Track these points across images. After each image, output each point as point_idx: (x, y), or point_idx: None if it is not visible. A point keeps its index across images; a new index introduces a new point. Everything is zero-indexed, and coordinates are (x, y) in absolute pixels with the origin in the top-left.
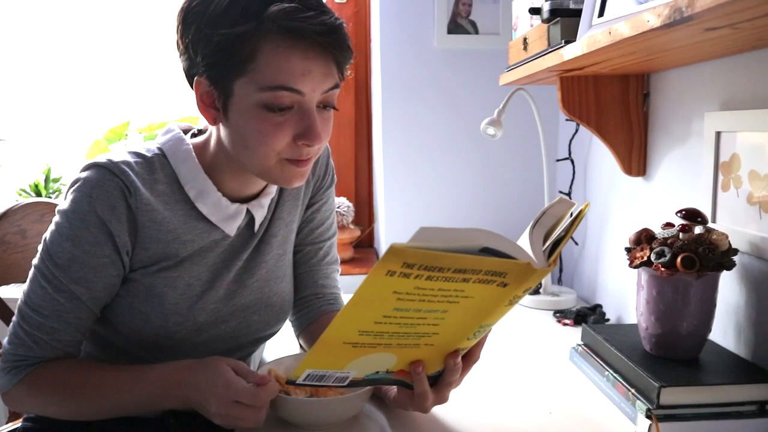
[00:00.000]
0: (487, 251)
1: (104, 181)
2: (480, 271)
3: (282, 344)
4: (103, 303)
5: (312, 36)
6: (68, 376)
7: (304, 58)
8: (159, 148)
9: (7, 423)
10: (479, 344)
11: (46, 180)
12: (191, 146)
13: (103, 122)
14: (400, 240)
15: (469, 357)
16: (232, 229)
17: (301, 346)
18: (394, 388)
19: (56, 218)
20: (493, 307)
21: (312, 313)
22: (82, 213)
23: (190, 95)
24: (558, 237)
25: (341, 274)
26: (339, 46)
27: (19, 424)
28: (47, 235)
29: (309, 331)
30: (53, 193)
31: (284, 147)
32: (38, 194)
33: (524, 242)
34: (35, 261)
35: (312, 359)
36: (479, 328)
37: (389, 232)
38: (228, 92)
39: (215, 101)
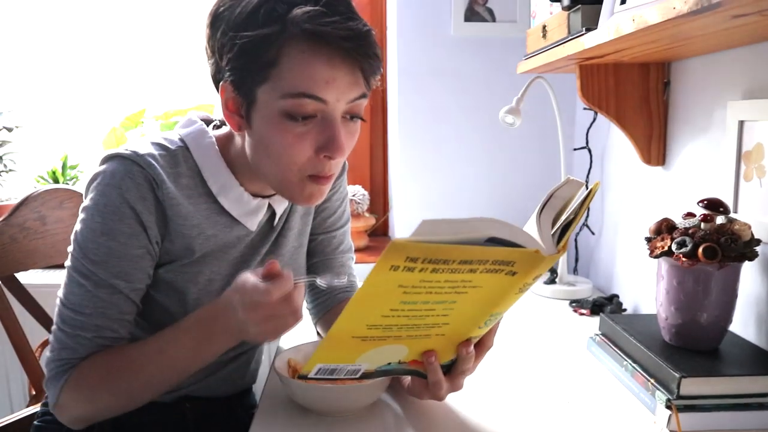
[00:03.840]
0: (493, 241)
1: (133, 173)
2: (487, 261)
3: (298, 332)
4: (142, 294)
5: (336, 41)
6: (111, 358)
7: (329, 65)
8: (182, 140)
9: (27, 407)
10: (492, 331)
11: (64, 167)
12: (214, 139)
13: (120, 110)
14: (413, 227)
15: (483, 344)
16: (253, 224)
17: (318, 333)
18: (408, 377)
19: (84, 215)
20: (502, 295)
21: (328, 301)
22: (114, 205)
23: (205, 83)
24: (567, 220)
25: (356, 262)
26: (365, 53)
27: (38, 408)
28: (77, 234)
29: (326, 319)
30: (70, 179)
31: (306, 161)
32: (56, 181)
33: (532, 227)
34: (68, 262)
35: (322, 354)
36: (490, 317)
37: (404, 221)
38: (251, 99)
39: (239, 108)
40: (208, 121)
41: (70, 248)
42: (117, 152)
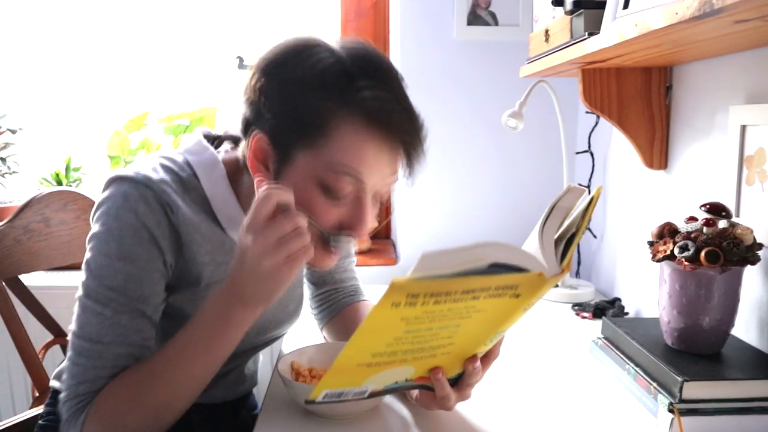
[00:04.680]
0: (496, 265)
1: (147, 197)
2: (489, 288)
3: (302, 335)
4: (159, 315)
5: (398, 132)
6: (128, 376)
7: (378, 150)
8: (191, 167)
9: (30, 408)
10: (498, 341)
11: (67, 169)
12: (225, 171)
13: (123, 112)
14: (415, 232)
15: (489, 355)
16: None
17: (324, 338)
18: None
19: (95, 242)
20: (507, 316)
21: (334, 306)
22: (132, 229)
23: (209, 86)
24: (570, 234)
25: (358, 265)
26: (417, 144)
27: (42, 410)
28: (89, 263)
29: (332, 323)
30: (74, 182)
31: (326, 229)
32: (59, 183)
33: (534, 244)
34: (80, 294)
35: (328, 381)
36: (495, 335)
37: (406, 224)
38: (287, 159)
39: (268, 161)
40: (214, 139)
41: (82, 276)
42: (126, 175)
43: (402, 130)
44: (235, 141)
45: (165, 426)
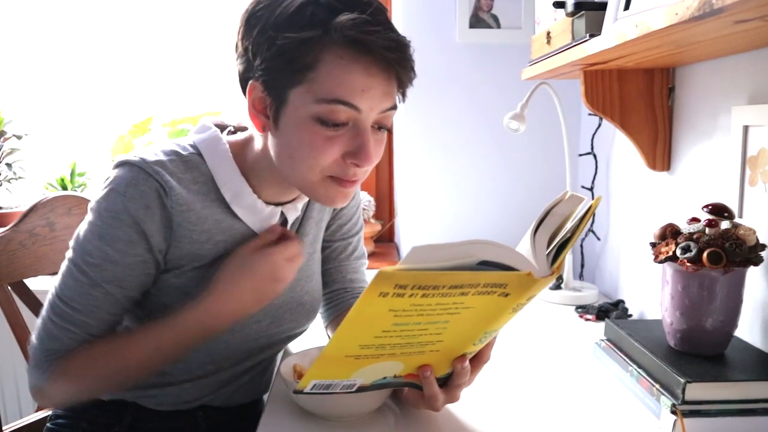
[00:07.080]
0: (486, 263)
1: (138, 180)
2: (478, 284)
3: (305, 336)
4: (135, 299)
5: (378, 51)
6: (99, 347)
7: (366, 73)
8: (194, 146)
9: (36, 411)
10: (489, 345)
11: (72, 174)
12: (228, 146)
13: (127, 117)
14: (419, 235)
15: (479, 358)
16: None
17: (329, 337)
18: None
19: (89, 215)
20: (496, 315)
21: (341, 305)
22: (115, 212)
23: (212, 91)
24: (563, 239)
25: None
26: (404, 64)
27: (50, 412)
28: (80, 230)
29: (336, 322)
30: (79, 186)
31: (331, 163)
32: (64, 188)
33: (526, 246)
34: (68, 254)
35: (316, 371)
36: (485, 334)
37: (409, 227)
38: (282, 100)
39: (267, 108)
40: (222, 127)
41: (71, 241)
42: (126, 158)
43: (386, 50)
44: (243, 131)
45: (121, 388)
